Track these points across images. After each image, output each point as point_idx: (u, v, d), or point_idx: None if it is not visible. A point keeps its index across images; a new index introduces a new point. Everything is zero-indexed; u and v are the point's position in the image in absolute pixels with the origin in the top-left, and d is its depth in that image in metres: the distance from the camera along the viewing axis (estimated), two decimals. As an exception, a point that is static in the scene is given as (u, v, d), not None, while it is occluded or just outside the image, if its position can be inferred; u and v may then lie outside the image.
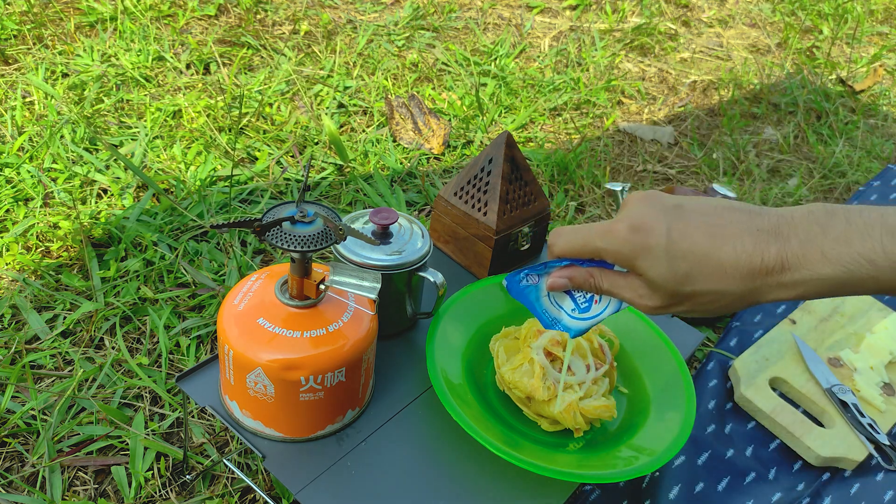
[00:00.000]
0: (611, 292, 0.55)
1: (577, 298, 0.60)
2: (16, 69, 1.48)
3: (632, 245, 0.51)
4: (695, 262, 0.49)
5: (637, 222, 0.51)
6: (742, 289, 0.49)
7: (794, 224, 0.48)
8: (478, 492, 0.65)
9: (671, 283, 0.50)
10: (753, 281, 0.48)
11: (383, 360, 0.75)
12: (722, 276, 0.49)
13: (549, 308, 0.60)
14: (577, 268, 0.56)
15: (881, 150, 1.64)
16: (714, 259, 0.49)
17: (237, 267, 1.07)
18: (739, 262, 0.48)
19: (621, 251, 0.51)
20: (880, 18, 2.41)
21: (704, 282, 0.49)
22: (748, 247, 0.48)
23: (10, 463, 0.81)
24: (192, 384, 0.69)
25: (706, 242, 0.49)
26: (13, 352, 0.91)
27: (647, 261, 0.50)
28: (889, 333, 1.05)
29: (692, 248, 0.49)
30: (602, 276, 0.55)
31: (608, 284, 0.55)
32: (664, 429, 0.70)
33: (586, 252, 0.54)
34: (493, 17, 2.06)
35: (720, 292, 0.49)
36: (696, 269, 0.49)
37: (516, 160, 0.87)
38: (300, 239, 0.56)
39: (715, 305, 0.51)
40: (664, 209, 0.51)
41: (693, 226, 0.49)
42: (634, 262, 0.51)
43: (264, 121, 1.44)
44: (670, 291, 0.51)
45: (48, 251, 1.08)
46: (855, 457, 0.88)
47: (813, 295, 0.48)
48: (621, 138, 1.60)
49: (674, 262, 0.49)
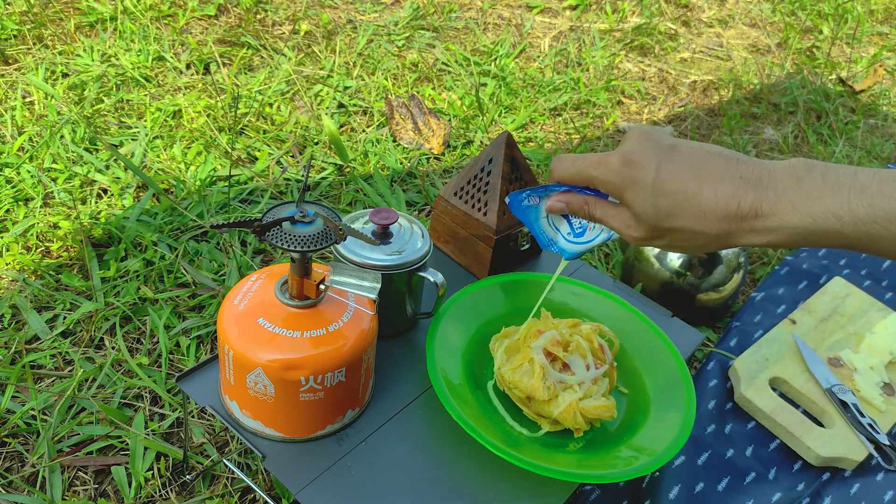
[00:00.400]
0: (602, 220, 0.59)
1: (574, 223, 0.65)
2: (16, 69, 1.48)
3: (622, 177, 0.55)
4: (676, 202, 0.53)
5: (630, 157, 0.55)
6: (717, 230, 0.52)
7: (773, 175, 0.51)
8: (478, 492, 0.65)
9: (653, 218, 0.54)
10: (728, 224, 0.52)
11: (383, 360, 0.75)
12: (700, 217, 0.52)
13: (546, 229, 0.65)
14: (574, 194, 0.60)
15: (881, 150, 1.64)
16: (694, 200, 0.52)
17: (237, 267, 1.07)
18: (718, 206, 0.52)
19: (612, 181, 0.56)
20: (880, 18, 2.41)
21: (683, 220, 0.53)
22: (727, 192, 0.51)
23: (10, 463, 0.81)
24: (192, 384, 0.69)
25: (690, 184, 0.52)
26: (13, 352, 0.91)
27: (634, 193, 0.54)
28: (889, 333, 1.05)
29: (676, 188, 0.53)
30: (596, 204, 0.59)
31: (600, 213, 0.59)
32: (664, 429, 0.70)
33: (582, 179, 0.59)
34: (493, 17, 2.06)
35: (697, 232, 0.53)
36: (678, 208, 0.53)
37: (516, 160, 0.87)
38: (300, 239, 0.56)
39: (691, 244, 0.55)
40: (658, 148, 0.54)
41: (680, 167, 0.53)
42: (623, 193, 0.55)
43: (264, 121, 1.44)
44: (652, 225, 0.55)
45: (48, 251, 1.08)
46: (855, 457, 0.88)
47: (782, 243, 0.51)
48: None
49: (658, 199, 0.53)
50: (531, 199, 0.64)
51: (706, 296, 1.06)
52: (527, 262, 0.94)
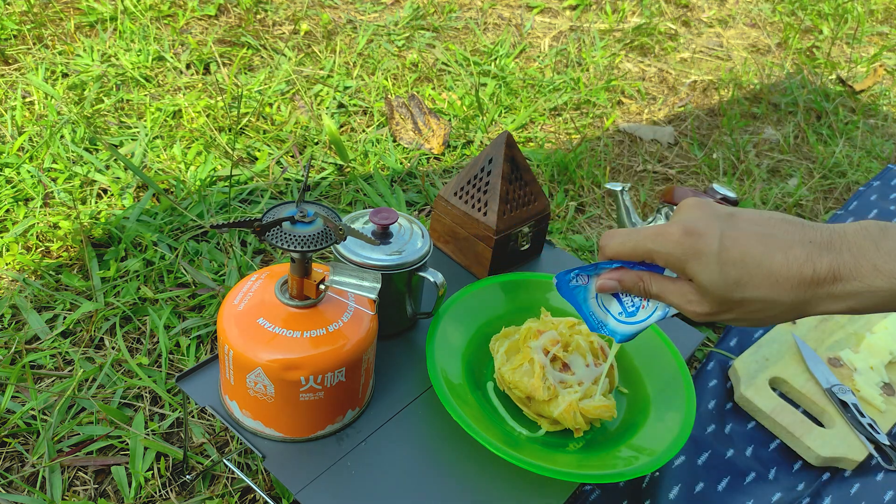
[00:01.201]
0: (660, 296, 0.55)
1: (625, 302, 0.59)
2: (16, 69, 1.48)
3: (683, 248, 0.51)
4: (746, 269, 0.49)
5: (690, 226, 0.51)
6: (792, 298, 0.49)
7: (846, 238, 0.48)
8: (478, 492, 0.65)
9: (721, 289, 0.50)
10: (805, 291, 0.48)
11: (383, 360, 0.75)
12: (773, 284, 0.49)
13: (596, 311, 0.60)
14: (628, 270, 0.56)
15: (881, 150, 1.64)
16: (766, 267, 0.49)
17: (237, 267, 1.07)
18: (791, 271, 0.48)
19: (673, 253, 0.52)
20: (880, 18, 2.41)
21: (755, 289, 0.49)
22: (800, 256, 0.48)
23: (10, 463, 0.81)
24: (192, 384, 0.69)
25: (758, 250, 0.49)
26: (13, 352, 0.91)
27: (699, 265, 0.50)
28: (889, 333, 1.05)
29: (744, 255, 0.49)
30: (652, 279, 0.55)
31: (657, 288, 0.55)
32: (664, 429, 0.70)
33: (638, 254, 0.55)
34: (493, 17, 2.06)
35: (770, 301, 0.49)
36: (747, 276, 0.49)
37: (516, 160, 0.87)
38: (300, 239, 0.56)
39: (763, 315, 0.51)
40: (717, 216, 0.51)
41: (745, 233, 0.50)
42: (685, 266, 0.51)
43: (264, 121, 1.44)
44: (719, 297, 0.51)
45: (48, 251, 1.08)
46: (855, 457, 0.88)
47: (863, 308, 0.48)
48: (621, 138, 1.60)
49: (725, 268, 0.49)
50: (580, 279, 0.59)
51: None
52: (527, 262, 0.94)
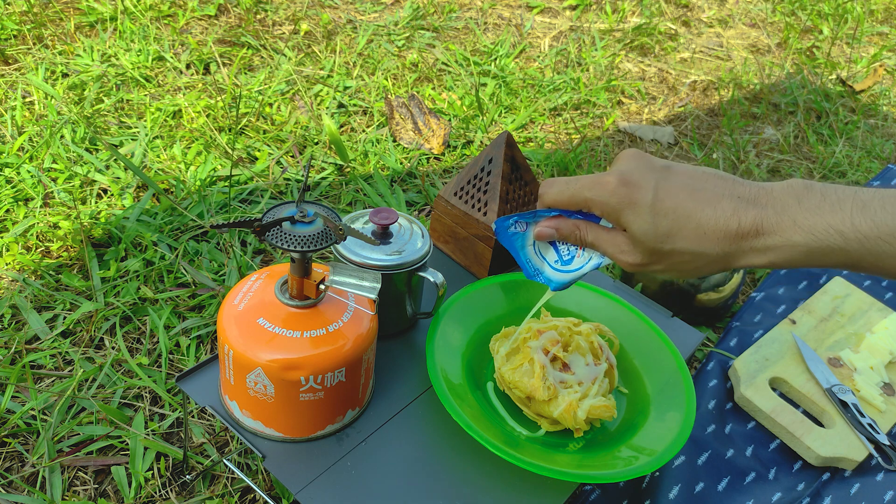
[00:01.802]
0: (594, 245, 0.57)
1: (561, 251, 0.61)
2: (16, 69, 1.48)
3: (619, 197, 0.53)
4: (676, 221, 0.51)
5: (626, 177, 0.53)
6: (718, 251, 0.51)
7: (772, 195, 0.50)
8: (478, 492, 0.65)
9: (652, 240, 0.52)
10: (730, 244, 0.51)
11: (383, 360, 0.75)
12: (701, 237, 0.51)
13: (532, 258, 0.61)
14: (565, 219, 0.58)
15: (881, 150, 1.64)
16: (695, 219, 0.51)
17: (237, 267, 1.07)
18: (718, 225, 0.50)
19: (608, 202, 0.53)
20: (880, 18, 2.41)
21: (683, 241, 0.51)
22: (727, 211, 0.50)
23: (10, 463, 0.81)
24: (192, 384, 0.69)
25: (689, 203, 0.51)
26: (13, 352, 0.91)
27: (632, 215, 0.52)
28: (889, 333, 1.05)
29: (675, 207, 0.51)
30: (588, 228, 0.57)
31: (592, 237, 0.57)
32: (664, 429, 0.70)
33: (575, 202, 0.56)
34: (493, 17, 2.06)
35: (697, 253, 0.52)
36: (677, 228, 0.51)
37: (516, 160, 0.87)
38: (300, 239, 0.56)
39: (690, 266, 0.53)
40: (653, 168, 0.53)
41: (678, 187, 0.52)
42: (620, 215, 0.53)
43: (264, 121, 1.44)
44: (650, 248, 0.53)
45: (48, 251, 1.08)
46: (855, 457, 0.88)
47: (783, 262, 0.50)
48: (621, 138, 1.60)
49: (657, 219, 0.52)
50: (518, 226, 0.60)
51: (706, 296, 1.06)
52: (527, 262, 0.93)
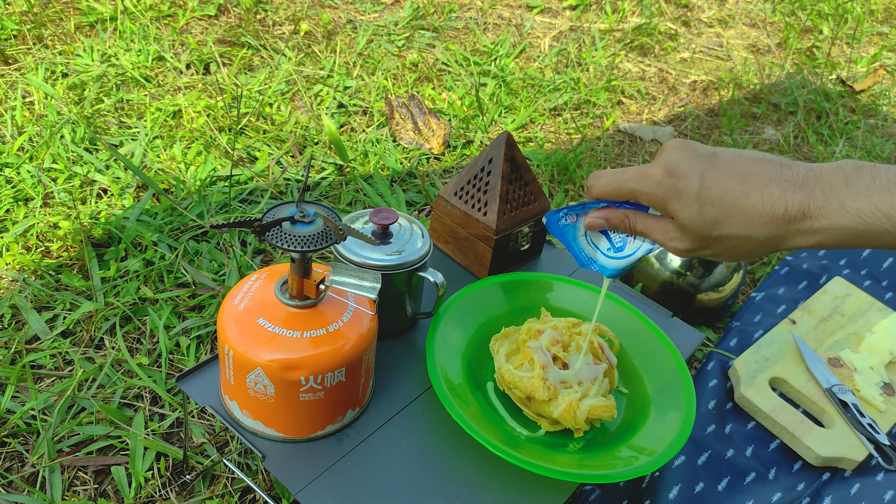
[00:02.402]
0: (644, 233, 0.58)
1: (613, 239, 0.62)
2: (16, 69, 1.48)
3: (665, 188, 0.54)
4: (723, 208, 0.52)
5: (672, 167, 0.54)
6: (766, 234, 0.52)
7: (820, 177, 0.51)
8: (478, 492, 0.65)
9: (700, 227, 0.53)
10: (777, 228, 0.51)
11: (383, 360, 0.75)
12: (748, 221, 0.52)
13: (585, 247, 0.63)
14: (614, 209, 0.60)
15: (881, 150, 1.64)
16: (742, 205, 0.52)
17: (237, 267, 1.07)
18: (765, 209, 0.51)
19: (655, 193, 0.55)
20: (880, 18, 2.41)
21: (731, 226, 0.52)
22: (774, 194, 0.51)
23: (10, 463, 0.81)
24: (192, 384, 0.69)
25: (736, 190, 0.52)
26: (13, 352, 0.91)
27: (679, 203, 0.53)
28: (889, 333, 1.05)
29: (722, 194, 0.52)
30: (636, 217, 0.58)
31: (641, 226, 0.58)
32: (664, 429, 0.70)
33: (622, 193, 0.57)
34: (493, 17, 2.06)
35: (745, 237, 0.53)
36: (725, 215, 0.52)
37: (516, 160, 0.87)
38: (300, 239, 0.56)
39: (740, 250, 0.54)
40: (698, 156, 0.54)
41: (724, 173, 0.53)
42: (667, 205, 0.54)
43: (264, 121, 1.44)
44: (699, 234, 0.54)
45: (48, 251, 1.08)
46: (855, 457, 0.88)
47: (831, 243, 0.51)
48: (621, 138, 1.60)
49: (704, 207, 0.53)
50: (568, 218, 0.62)
51: (706, 296, 1.06)
52: (527, 262, 0.94)
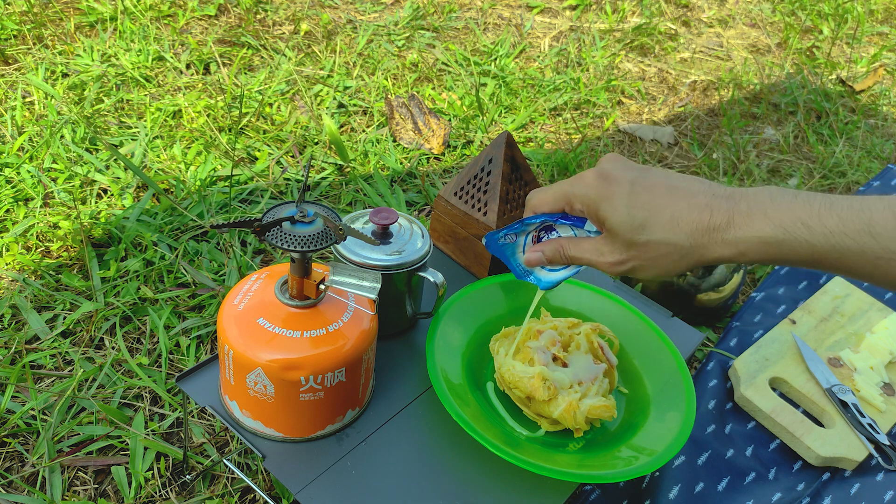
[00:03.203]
0: (578, 258, 0.61)
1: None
2: (16, 69, 1.48)
3: (598, 190, 0.57)
4: (651, 213, 0.54)
5: (605, 172, 0.57)
6: (690, 243, 0.54)
7: (746, 192, 0.53)
8: (478, 492, 0.65)
9: (628, 231, 0.55)
10: (702, 236, 0.53)
11: (383, 360, 0.75)
12: (674, 227, 0.54)
13: (523, 262, 0.66)
14: (548, 241, 0.63)
15: (881, 150, 1.64)
16: (669, 211, 0.54)
17: (237, 267, 1.07)
18: (691, 216, 0.53)
19: (588, 194, 0.58)
20: (880, 18, 2.41)
21: (658, 232, 0.54)
22: (701, 203, 0.53)
23: (10, 463, 0.81)
24: (192, 384, 0.69)
25: (664, 197, 0.55)
26: (13, 352, 0.91)
27: (610, 207, 0.56)
28: (889, 333, 1.05)
29: (650, 200, 0.55)
30: (569, 244, 0.61)
31: (574, 251, 0.61)
32: (664, 429, 0.70)
33: (557, 199, 0.61)
34: (493, 17, 2.06)
35: (671, 244, 0.54)
36: (652, 220, 0.54)
37: (516, 160, 0.87)
38: (300, 239, 0.56)
39: (665, 260, 0.56)
40: (630, 166, 0.58)
41: (654, 183, 0.56)
42: (598, 207, 0.57)
43: (264, 121, 1.44)
44: (626, 241, 0.56)
45: (48, 251, 1.08)
46: (855, 457, 0.88)
47: (752, 254, 0.53)
48: (621, 138, 1.60)
49: (633, 211, 0.55)
50: (507, 238, 0.66)
51: (706, 296, 1.06)
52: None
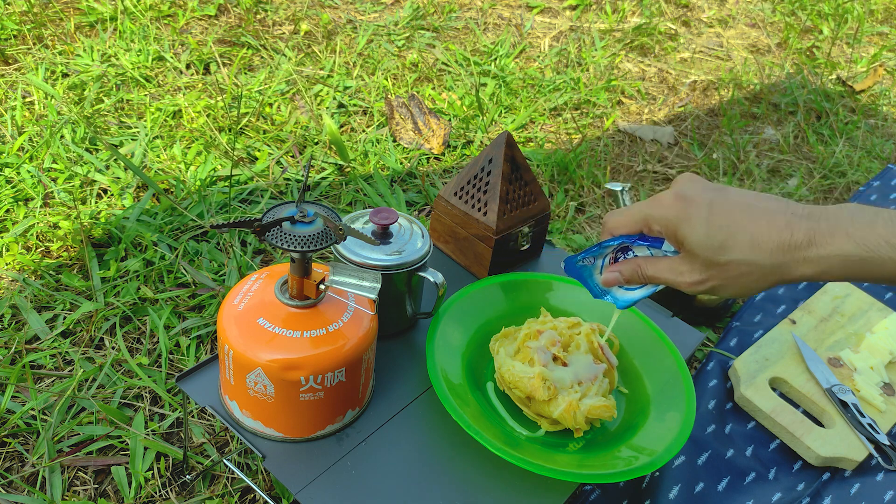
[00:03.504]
0: (655, 277, 0.60)
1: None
2: (16, 69, 1.48)
3: (676, 211, 0.56)
4: (731, 233, 0.54)
5: (682, 193, 0.57)
6: (772, 262, 0.53)
7: (825, 211, 0.53)
8: (478, 492, 0.65)
9: (708, 252, 0.55)
10: (783, 255, 0.53)
11: (383, 360, 0.75)
12: (754, 247, 0.53)
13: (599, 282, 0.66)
14: (626, 262, 0.63)
15: (881, 150, 1.64)
16: (749, 231, 0.53)
17: (237, 267, 1.07)
18: (772, 236, 0.53)
19: (666, 216, 0.57)
20: (880, 18, 2.41)
21: (738, 252, 0.54)
22: (780, 223, 0.53)
23: (10, 463, 0.81)
24: (192, 384, 0.69)
25: (743, 217, 0.54)
26: (13, 352, 0.91)
27: (689, 227, 0.55)
28: (889, 333, 1.05)
29: (730, 220, 0.54)
30: (647, 264, 0.61)
31: (652, 271, 0.60)
32: (664, 429, 0.70)
33: (636, 222, 0.60)
34: (493, 17, 2.06)
35: (752, 263, 0.54)
36: (732, 240, 0.54)
37: (516, 160, 0.87)
38: (300, 239, 0.56)
39: (746, 279, 0.55)
40: (707, 187, 0.57)
41: (732, 203, 0.55)
42: (678, 228, 0.56)
43: (264, 121, 1.44)
44: (706, 261, 0.55)
45: (48, 251, 1.08)
46: (855, 457, 0.88)
47: (835, 273, 0.52)
48: (621, 138, 1.60)
49: (712, 231, 0.54)
50: (586, 261, 0.66)
51: (706, 296, 1.06)
52: (527, 262, 0.94)
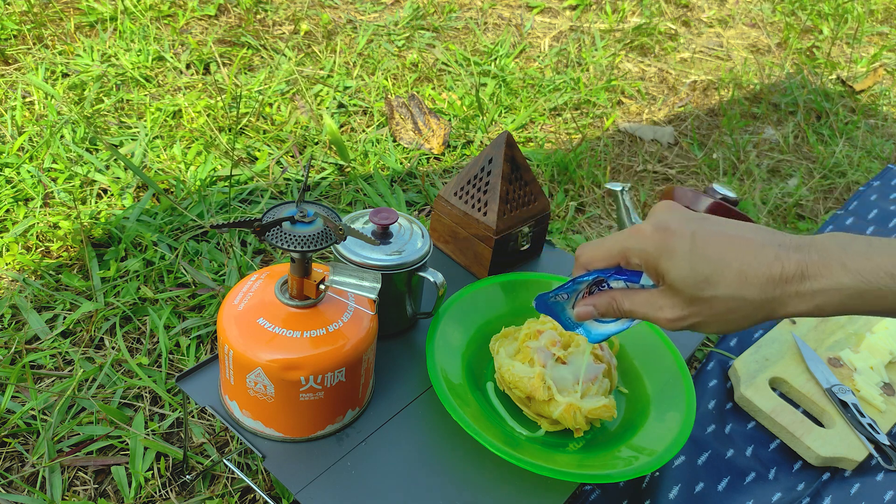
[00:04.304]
0: (632, 312, 0.55)
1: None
2: (16, 69, 1.48)
3: (656, 243, 0.51)
4: (716, 267, 0.49)
5: (663, 224, 0.52)
6: (761, 296, 0.49)
7: (815, 241, 0.48)
8: (478, 492, 0.65)
9: (691, 287, 0.50)
10: (773, 289, 0.48)
11: (383, 360, 0.75)
12: (742, 281, 0.49)
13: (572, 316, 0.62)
14: (600, 294, 0.58)
15: (881, 150, 1.64)
16: (736, 264, 0.49)
17: (237, 267, 1.07)
18: (760, 269, 0.48)
19: (646, 249, 0.52)
20: (880, 18, 2.41)
21: (724, 287, 0.49)
22: (769, 256, 0.48)
23: (10, 463, 0.81)
24: (192, 384, 0.69)
25: (729, 249, 0.49)
26: (13, 352, 0.91)
27: (671, 261, 0.51)
28: (889, 333, 1.05)
29: (715, 252, 0.49)
30: (623, 297, 0.56)
31: (629, 305, 0.55)
32: (664, 429, 0.70)
33: (613, 255, 0.55)
34: (493, 17, 2.06)
35: (739, 298, 0.49)
36: (717, 274, 0.49)
37: (516, 160, 0.87)
38: (300, 239, 0.56)
39: (732, 316, 0.51)
40: (689, 217, 0.52)
41: (717, 233, 0.50)
42: (658, 262, 0.51)
43: (264, 121, 1.44)
44: (689, 296, 0.51)
45: (48, 251, 1.08)
46: (855, 457, 0.88)
47: (831, 308, 0.48)
48: (621, 138, 1.60)
49: (696, 264, 0.50)
50: (558, 297, 0.62)
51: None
52: (527, 262, 0.93)
